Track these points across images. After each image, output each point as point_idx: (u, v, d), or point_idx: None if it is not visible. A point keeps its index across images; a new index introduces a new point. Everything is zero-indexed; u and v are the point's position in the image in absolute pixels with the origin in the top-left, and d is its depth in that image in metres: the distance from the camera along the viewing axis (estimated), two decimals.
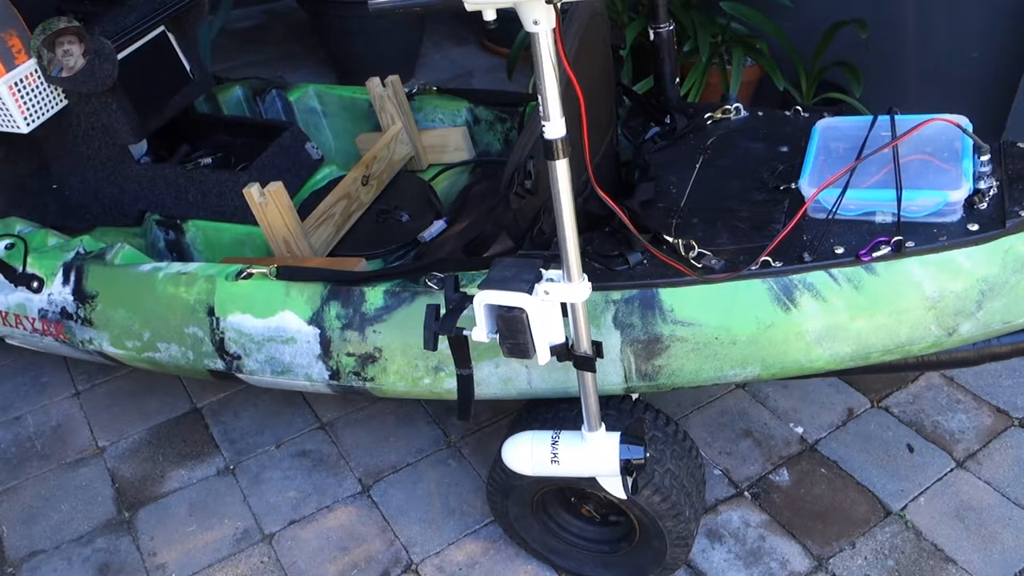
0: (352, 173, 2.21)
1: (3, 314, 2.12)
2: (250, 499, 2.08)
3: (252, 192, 1.95)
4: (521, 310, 1.36)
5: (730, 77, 2.86)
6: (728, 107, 1.98)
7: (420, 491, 2.05)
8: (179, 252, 2.31)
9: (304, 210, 2.26)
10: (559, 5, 1.18)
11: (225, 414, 2.32)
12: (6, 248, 2.12)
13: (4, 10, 1.99)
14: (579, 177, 1.67)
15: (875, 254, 1.43)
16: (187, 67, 2.33)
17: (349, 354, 1.75)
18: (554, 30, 1.20)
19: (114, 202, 2.31)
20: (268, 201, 1.95)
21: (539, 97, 1.25)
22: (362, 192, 2.23)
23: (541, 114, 1.25)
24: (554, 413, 1.65)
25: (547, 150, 1.27)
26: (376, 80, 2.38)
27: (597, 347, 1.41)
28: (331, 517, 2.02)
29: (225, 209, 2.21)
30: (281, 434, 2.24)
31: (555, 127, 1.25)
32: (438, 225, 2.15)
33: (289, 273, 1.82)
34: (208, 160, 2.28)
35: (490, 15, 1.21)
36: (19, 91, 2.04)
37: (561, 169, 1.28)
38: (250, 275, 1.85)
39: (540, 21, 1.19)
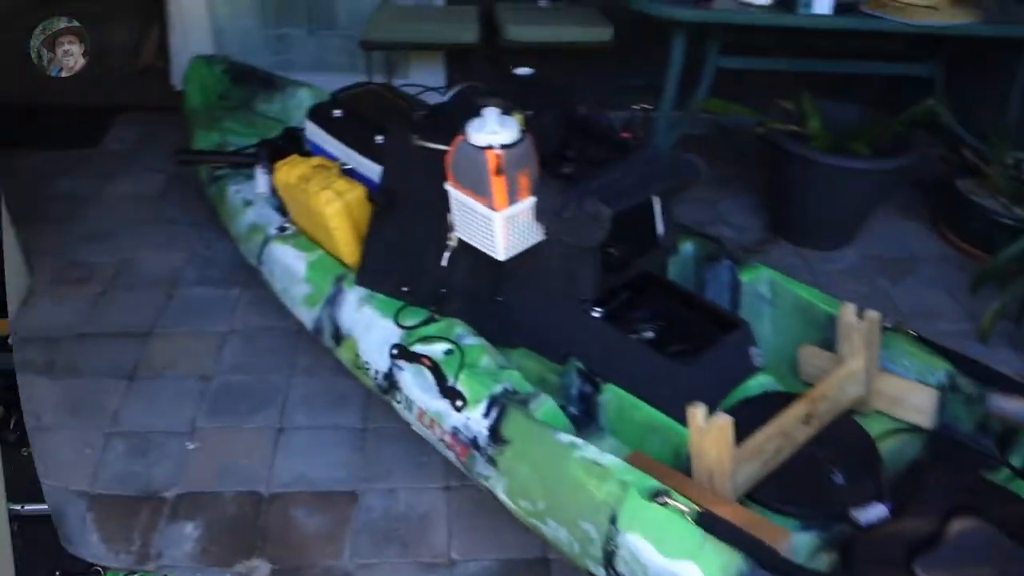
0: (796, 409, 1.99)
1: (421, 413, 2.20)
2: None
3: (697, 415, 1.81)
4: None
5: None
6: None
7: None
8: (588, 406, 2.26)
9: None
10: None
11: None
12: (445, 353, 2.21)
13: (527, 151, 2.04)
14: None
15: None
16: (659, 232, 2.26)
17: None
18: None
19: (547, 335, 2.32)
20: (710, 432, 1.79)
21: None
22: (799, 431, 2.00)
23: None
24: None
25: None
26: (852, 308, 2.13)
27: None
28: None
29: (651, 394, 2.11)
30: None
31: None
32: (878, 510, 1.86)
33: (711, 525, 1.65)
34: (650, 334, 2.19)
35: None
36: (510, 224, 2.09)
37: None
38: (666, 503, 1.71)
39: None
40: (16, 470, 2.62)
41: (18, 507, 2.49)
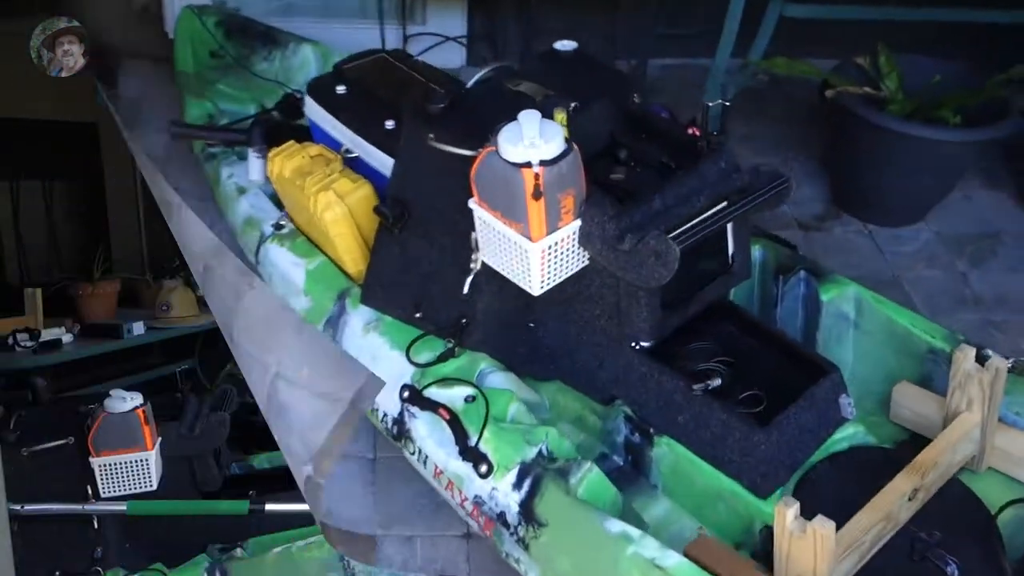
0: (900, 483, 1.62)
1: (438, 471, 1.86)
2: None
3: (786, 514, 1.44)
4: None
5: None
6: None
7: None
8: (636, 457, 1.90)
9: (809, 482, 1.75)
10: None
11: None
12: (466, 400, 1.85)
13: (573, 165, 1.62)
14: None
15: None
16: (730, 255, 1.86)
17: None
18: None
19: (585, 370, 1.94)
20: (804, 537, 1.42)
21: None
22: (903, 508, 1.64)
23: None
24: None
25: None
26: (971, 352, 1.73)
27: None
28: None
29: (716, 455, 1.75)
30: None
31: None
32: None
33: None
34: (716, 381, 1.80)
35: None
36: (548, 255, 1.69)
37: None
38: None
39: None
40: (16, 470, 2.51)
41: (18, 507, 2.43)
